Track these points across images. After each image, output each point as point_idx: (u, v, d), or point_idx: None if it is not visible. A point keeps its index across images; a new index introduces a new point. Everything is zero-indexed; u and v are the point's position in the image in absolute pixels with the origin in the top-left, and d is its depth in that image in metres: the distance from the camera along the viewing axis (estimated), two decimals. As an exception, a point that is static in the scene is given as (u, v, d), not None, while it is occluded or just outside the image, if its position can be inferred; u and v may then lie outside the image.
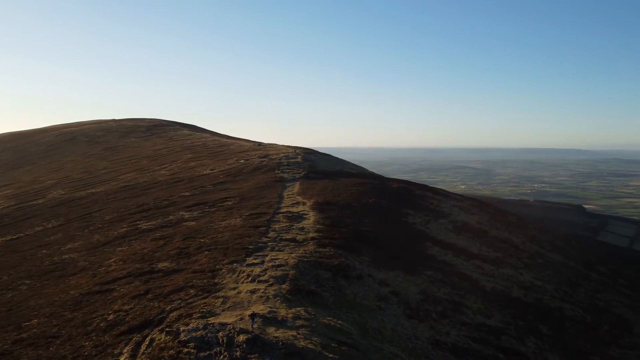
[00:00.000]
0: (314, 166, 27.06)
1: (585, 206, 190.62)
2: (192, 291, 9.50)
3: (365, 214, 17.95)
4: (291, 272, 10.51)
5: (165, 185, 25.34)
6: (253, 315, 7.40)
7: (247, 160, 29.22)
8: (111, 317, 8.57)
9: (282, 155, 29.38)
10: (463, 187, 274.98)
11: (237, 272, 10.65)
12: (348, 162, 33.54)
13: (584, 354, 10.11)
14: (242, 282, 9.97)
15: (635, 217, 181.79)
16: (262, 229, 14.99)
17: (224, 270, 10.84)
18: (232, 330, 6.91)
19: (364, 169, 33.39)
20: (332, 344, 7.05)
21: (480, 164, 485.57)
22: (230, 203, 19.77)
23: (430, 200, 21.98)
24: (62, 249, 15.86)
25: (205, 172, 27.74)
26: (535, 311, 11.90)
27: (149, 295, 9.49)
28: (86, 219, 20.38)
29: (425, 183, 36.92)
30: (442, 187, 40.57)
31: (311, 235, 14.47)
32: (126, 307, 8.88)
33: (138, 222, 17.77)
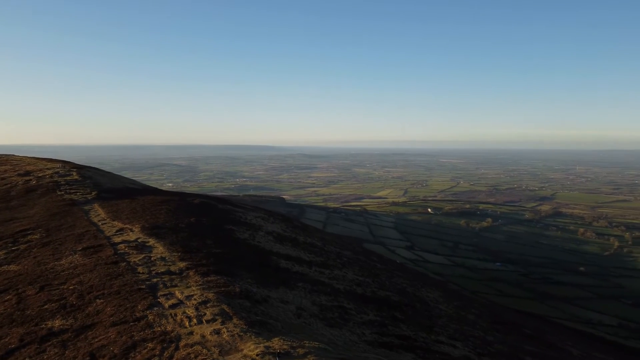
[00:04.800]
0: (99, 184, 24.88)
1: (282, 197, 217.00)
2: (150, 345, 9.06)
3: (200, 234, 18.36)
4: (223, 306, 10.92)
5: None
6: (278, 354, 8.10)
7: (2, 179, 24.55)
8: (90, 393, 7.70)
9: (51, 172, 25.76)
10: (170, 184, 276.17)
11: (170, 316, 10.41)
12: (121, 176, 31.42)
13: (430, 327, 13.85)
14: (192, 326, 9.95)
15: (321, 204, 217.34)
16: (122, 264, 14.03)
17: (150, 317, 10.36)
18: (274, 372, 7.59)
19: (140, 183, 31.94)
20: (342, 363, 8.51)
21: (184, 161, 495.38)
22: (37, 236, 17.01)
23: (236, 213, 23.52)
24: None
25: (-53, 196, 22.18)
26: (380, 302, 15.30)
27: (105, 360, 8.67)
28: None
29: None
30: (150, 186, 41.63)
31: (181, 265, 14.40)
32: (94, 379, 8.01)
33: None
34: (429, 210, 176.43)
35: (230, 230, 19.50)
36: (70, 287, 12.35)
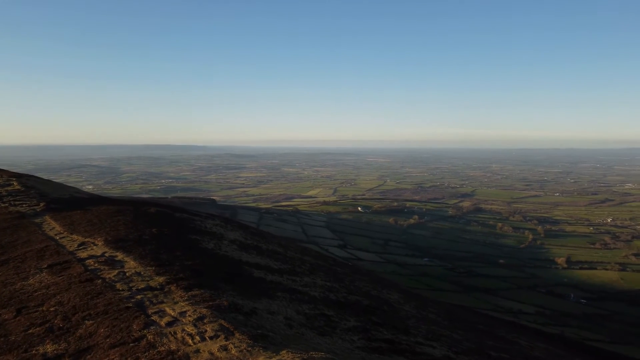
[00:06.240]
0: (45, 194, 23.49)
1: (213, 198, 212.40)
2: (161, 366, 9.02)
3: (167, 246, 18.01)
4: (221, 321, 10.96)
5: None
6: (299, 369, 8.40)
7: None
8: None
9: (-12, 181, 24.01)
10: (90, 187, 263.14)
11: (170, 335, 10.31)
12: (63, 184, 29.66)
13: (406, 328, 14.60)
14: (196, 343, 9.95)
15: (252, 204, 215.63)
16: (98, 281, 13.55)
17: (149, 336, 10.21)
18: (299, 385, 7.90)
19: (85, 191, 30.37)
20: (355, 371, 8.98)
21: (105, 162, 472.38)
22: (-9, 254, 15.94)
23: (195, 222, 23.21)
24: None
25: None
26: (354, 307, 15.93)
27: (118, 385, 8.54)
28: None
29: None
30: (95, 194, 40.48)
31: (159, 279, 14.13)
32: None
33: None
34: (359, 208, 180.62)
35: (196, 240, 19.34)
36: (51, 309, 11.83)
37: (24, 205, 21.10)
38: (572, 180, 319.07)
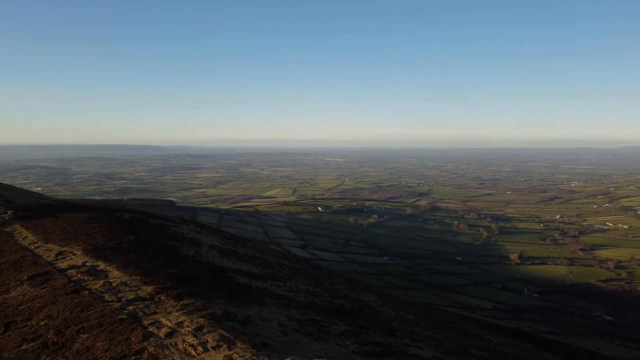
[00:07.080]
0: (10, 201, 22.56)
1: (171, 199, 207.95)
2: (168, 379, 9.01)
3: (148, 254, 17.73)
4: (220, 331, 11.00)
5: None
6: (309, 375, 8.59)
7: None
8: None
9: (-52, 188, 22.84)
10: (39, 189, 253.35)
11: (171, 346, 10.27)
12: (24, 189, 28.45)
13: (391, 331, 15.09)
14: (200, 354, 9.98)
15: (210, 205, 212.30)
16: (85, 293, 13.24)
17: (150, 349, 10.12)
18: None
19: (51, 197, 29.22)
20: (360, 376, 9.28)
21: (54, 163, 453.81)
22: (-36, 266, 15.24)
23: (170, 228, 22.90)
24: None
25: None
26: (339, 311, 16.28)
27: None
28: None
29: None
30: (64, 199, 39.50)
31: (147, 289, 13.94)
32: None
33: None
34: (319, 208, 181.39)
35: (175, 247, 19.17)
36: (41, 323, 11.50)
37: (-10, 214, 20.27)
38: (523, 179, 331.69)
